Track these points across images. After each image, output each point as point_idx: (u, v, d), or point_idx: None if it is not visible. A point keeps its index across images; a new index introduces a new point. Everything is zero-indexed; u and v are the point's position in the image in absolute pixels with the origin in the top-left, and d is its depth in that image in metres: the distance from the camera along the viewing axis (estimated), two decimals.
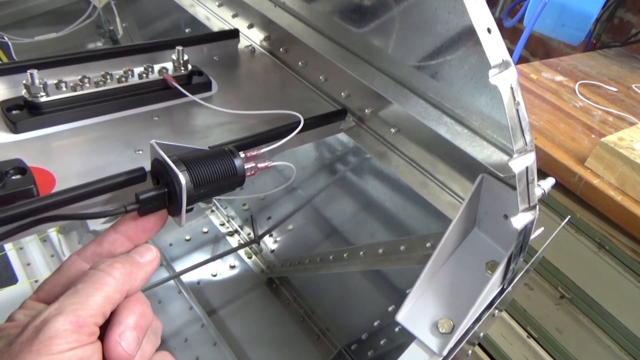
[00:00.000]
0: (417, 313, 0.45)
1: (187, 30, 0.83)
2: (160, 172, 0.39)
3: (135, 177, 0.41)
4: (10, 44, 0.96)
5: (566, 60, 1.36)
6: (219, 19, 0.71)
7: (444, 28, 0.43)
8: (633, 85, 1.27)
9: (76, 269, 0.34)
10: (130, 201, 0.37)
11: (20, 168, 0.41)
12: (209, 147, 0.44)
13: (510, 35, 1.78)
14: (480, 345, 1.32)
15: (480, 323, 0.44)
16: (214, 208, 1.19)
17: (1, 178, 0.39)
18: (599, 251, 1.02)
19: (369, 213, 0.89)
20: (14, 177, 0.40)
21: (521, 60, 1.72)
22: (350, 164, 0.90)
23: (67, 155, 0.45)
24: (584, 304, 1.09)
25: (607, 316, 1.04)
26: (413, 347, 0.43)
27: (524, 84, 1.22)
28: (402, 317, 0.45)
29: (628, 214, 0.92)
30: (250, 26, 0.67)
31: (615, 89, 1.24)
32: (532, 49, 1.73)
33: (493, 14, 1.76)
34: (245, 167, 0.43)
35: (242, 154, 0.43)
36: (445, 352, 0.42)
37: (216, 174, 0.41)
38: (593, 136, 1.07)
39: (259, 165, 0.44)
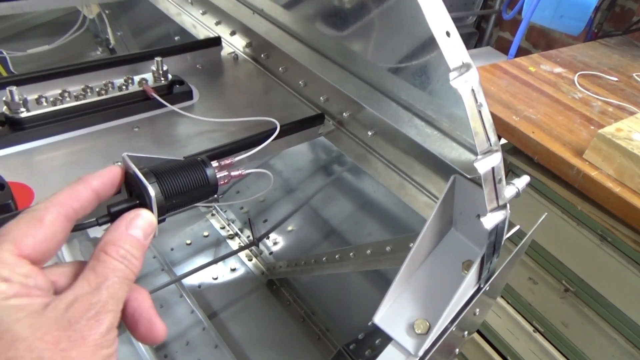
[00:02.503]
0: (394, 314, 0.45)
1: (176, 39, 0.84)
2: (132, 185, 0.40)
3: None
4: (7, 57, 0.98)
5: (566, 52, 1.35)
6: (203, 27, 0.72)
7: (411, 32, 0.43)
8: (634, 74, 1.25)
9: (58, 222, 0.32)
10: (102, 214, 0.38)
11: None
12: (184, 157, 0.45)
13: (510, 27, 1.77)
14: (487, 340, 1.32)
15: (457, 323, 0.44)
16: (214, 212, 1.21)
17: None
18: (602, 243, 1.01)
19: (365, 213, 0.89)
20: None
21: (523, 52, 1.71)
22: (345, 165, 0.90)
23: (48, 169, 0.46)
24: (588, 297, 1.08)
25: (611, 308, 1.03)
26: (390, 349, 0.44)
27: (522, 77, 1.20)
28: (379, 318, 0.45)
29: (627, 205, 0.91)
30: (233, 33, 0.68)
31: (615, 79, 1.22)
32: (534, 41, 1.71)
33: (493, 6, 1.75)
34: (218, 176, 0.43)
35: (215, 163, 0.44)
36: (421, 353, 0.42)
37: (187, 185, 0.41)
38: (592, 127, 1.06)
39: (232, 173, 0.44)
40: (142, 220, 0.34)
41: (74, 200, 0.33)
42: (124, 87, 0.54)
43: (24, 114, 0.48)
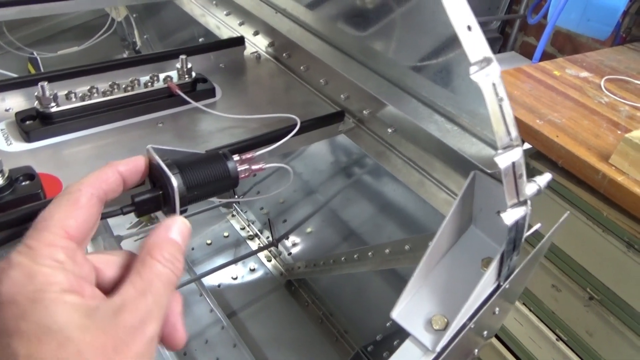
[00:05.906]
0: (412, 310, 0.45)
1: (200, 40, 0.86)
2: (155, 176, 0.41)
3: None
4: (39, 58, 1.02)
5: (592, 56, 1.32)
6: (227, 27, 0.73)
7: (433, 29, 0.43)
8: None
9: (92, 202, 0.32)
10: (126, 203, 0.39)
11: (29, 174, 0.43)
12: (205, 151, 0.46)
13: (535, 32, 1.75)
14: (508, 348, 1.30)
15: (475, 319, 0.44)
16: (234, 213, 1.22)
17: (11, 184, 0.42)
18: (628, 250, 0.99)
19: (384, 215, 0.89)
20: (23, 183, 0.43)
21: (548, 57, 1.68)
22: (365, 167, 0.90)
23: (76, 161, 0.48)
24: (614, 306, 1.05)
25: (638, 317, 1.00)
26: (407, 344, 0.44)
27: (546, 81, 1.19)
28: (396, 314, 0.45)
29: None
30: (256, 33, 0.69)
31: None
32: (559, 46, 1.69)
33: (517, 10, 1.73)
34: (239, 169, 0.44)
35: (236, 157, 0.45)
36: (438, 349, 0.42)
37: (209, 176, 0.42)
38: (619, 132, 1.04)
39: (253, 167, 0.45)
40: (178, 226, 0.35)
41: (102, 182, 0.34)
42: (149, 84, 0.55)
43: (54, 109, 0.50)
